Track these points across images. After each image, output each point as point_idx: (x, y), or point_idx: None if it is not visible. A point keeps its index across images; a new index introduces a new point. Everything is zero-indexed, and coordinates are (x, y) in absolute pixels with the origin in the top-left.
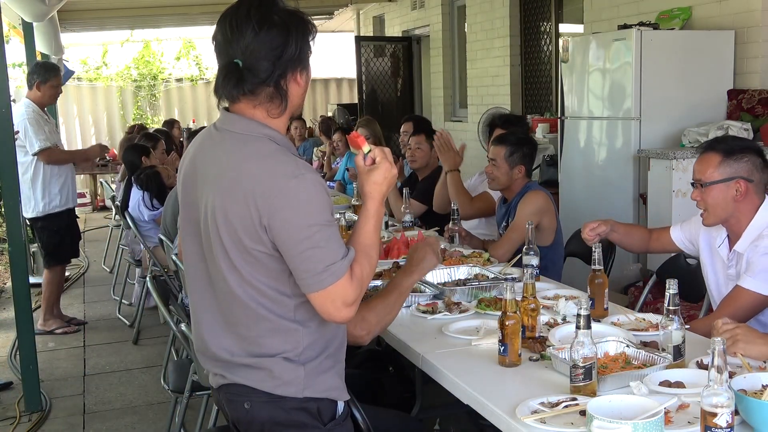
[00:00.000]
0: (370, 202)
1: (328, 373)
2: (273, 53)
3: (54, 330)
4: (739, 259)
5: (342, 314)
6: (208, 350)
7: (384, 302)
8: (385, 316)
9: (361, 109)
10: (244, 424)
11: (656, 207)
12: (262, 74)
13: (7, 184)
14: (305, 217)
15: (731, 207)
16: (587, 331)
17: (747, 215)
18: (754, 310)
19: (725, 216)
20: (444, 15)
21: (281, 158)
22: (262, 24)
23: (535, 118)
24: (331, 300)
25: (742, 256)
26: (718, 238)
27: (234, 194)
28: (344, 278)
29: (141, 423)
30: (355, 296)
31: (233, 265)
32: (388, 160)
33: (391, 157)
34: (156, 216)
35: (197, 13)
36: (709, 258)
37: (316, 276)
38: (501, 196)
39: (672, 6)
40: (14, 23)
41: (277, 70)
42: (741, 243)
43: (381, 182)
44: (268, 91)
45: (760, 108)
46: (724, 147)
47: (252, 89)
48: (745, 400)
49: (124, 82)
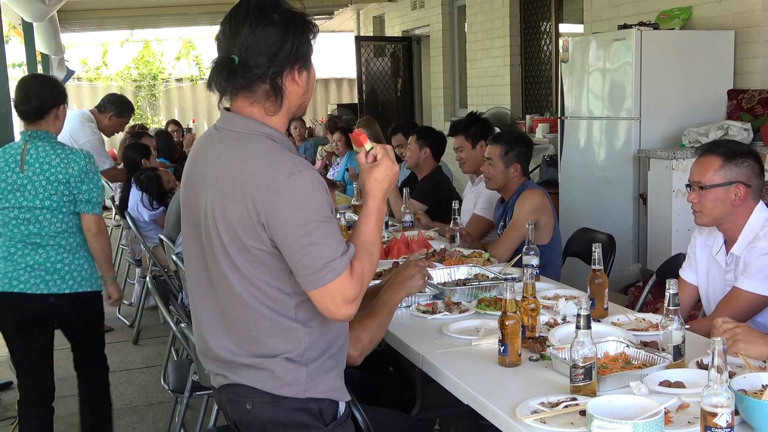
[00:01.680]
0: (371, 199)
1: (330, 373)
2: (269, 50)
3: None
4: (736, 263)
5: (343, 311)
6: (210, 351)
7: (375, 322)
8: (377, 335)
9: (361, 109)
10: (246, 424)
11: (656, 207)
12: (257, 70)
13: None
14: (303, 214)
15: (728, 210)
16: (587, 331)
17: (743, 218)
18: (752, 311)
19: (719, 217)
20: (444, 15)
21: (279, 155)
22: (259, 21)
23: (535, 118)
24: (331, 297)
25: (739, 259)
26: (714, 245)
27: (232, 193)
28: (344, 275)
29: (141, 423)
30: (356, 293)
31: (233, 264)
32: (390, 157)
33: (393, 154)
34: (155, 216)
35: (197, 13)
36: (705, 265)
37: (315, 273)
38: (499, 196)
39: (672, 6)
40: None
41: (273, 67)
42: (737, 246)
43: (382, 179)
44: (265, 88)
45: (760, 108)
46: (724, 150)
47: (246, 85)
48: (745, 400)
49: (124, 82)
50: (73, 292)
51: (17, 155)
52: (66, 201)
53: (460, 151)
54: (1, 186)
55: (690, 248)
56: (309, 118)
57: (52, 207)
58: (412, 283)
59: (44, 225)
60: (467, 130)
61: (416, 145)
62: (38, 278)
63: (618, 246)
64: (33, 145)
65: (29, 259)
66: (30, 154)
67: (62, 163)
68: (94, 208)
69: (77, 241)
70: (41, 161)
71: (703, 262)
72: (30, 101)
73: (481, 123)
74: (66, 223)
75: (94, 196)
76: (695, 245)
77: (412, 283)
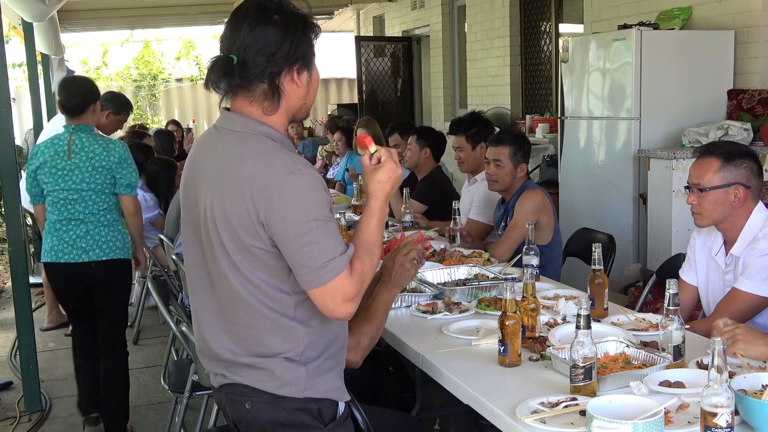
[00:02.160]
0: (373, 200)
1: (330, 373)
2: (267, 49)
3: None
4: (736, 263)
5: (342, 310)
6: (210, 350)
7: (373, 324)
8: (376, 337)
9: (361, 109)
10: (245, 424)
11: (656, 207)
12: (255, 69)
13: (7, 184)
14: (302, 213)
15: (728, 212)
16: (587, 331)
17: (742, 219)
18: (751, 312)
19: (719, 219)
20: (444, 15)
21: (278, 155)
22: (258, 21)
23: (535, 118)
24: (331, 296)
25: (738, 260)
26: (714, 246)
27: (231, 192)
28: (344, 274)
29: (141, 423)
30: (356, 292)
31: (233, 263)
32: (394, 159)
33: (397, 157)
34: (152, 218)
35: (197, 13)
36: (704, 266)
37: (315, 272)
38: (494, 197)
39: (672, 6)
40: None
41: (271, 66)
42: (737, 246)
43: (385, 181)
44: (263, 87)
45: (760, 108)
46: (723, 152)
47: (244, 84)
48: (745, 400)
49: (124, 82)
50: (108, 259)
51: (65, 145)
52: (108, 183)
53: (459, 150)
54: (53, 171)
55: (689, 249)
56: (309, 118)
57: (96, 189)
58: (405, 275)
59: (88, 204)
60: (468, 130)
61: (416, 145)
62: (80, 249)
63: (618, 246)
64: (77, 137)
65: (72, 234)
66: (75, 143)
67: (104, 152)
68: (132, 191)
69: (114, 217)
70: (86, 150)
71: (702, 263)
72: (72, 99)
73: (482, 124)
74: (106, 202)
75: (132, 181)
76: (694, 246)
77: (405, 277)
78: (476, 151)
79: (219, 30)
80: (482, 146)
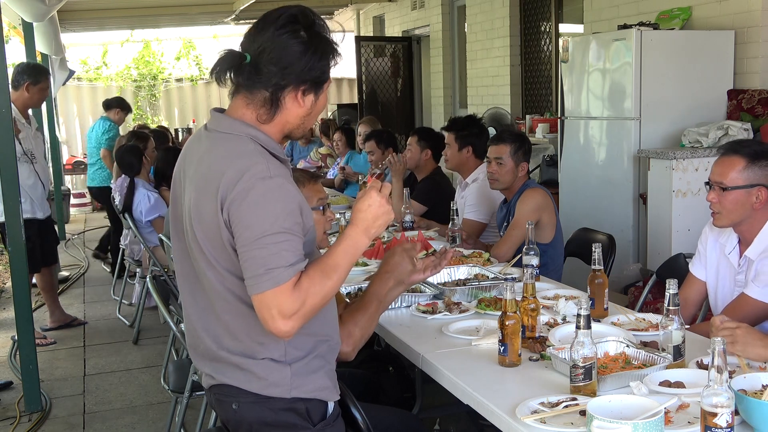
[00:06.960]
0: (350, 226)
1: (317, 373)
2: (282, 61)
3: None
4: (749, 265)
5: (277, 325)
6: (198, 347)
7: (366, 315)
8: (369, 328)
9: (361, 109)
10: (233, 424)
11: (656, 207)
12: (262, 75)
13: (7, 184)
14: (260, 219)
15: (747, 213)
16: (587, 331)
17: (761, 221)
18: (758, 319)
19: (738, 220)
20: (444, 15)
21: (254, 158)
22: (284, 31)
23: (535, 118)
24: (266, 307)
25: (752, 263)
26: (728, 244)
27: (206, 190)
28: (284, 286)
29: (141, 423)
30: (294, 309)
31: (209, 261)
32: (376, 189)
33: (386, 192)
34: (152, 219)
35: (197, 13)
36: (715, 262)
37: (255, 278)
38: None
39: (672, 6)
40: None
41: (279, 78)
42: (752, 249)
43: (364, 210)
44: (264, 95)
45: (760, 108)
46: (749, 151)
47: (248, 85)
48: (745, 400)
49: (124, 82)
50: None
51: None
52: None
53: (447, 147)
54: None
55: (700, 243)
56: None
57: None
58: (401, 269)
59: None
60: (459, 130)
61: (417, 146)
62: None
63: (618, 246)
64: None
65: None
66: None
67: None
68: None
69: None
70: None
71: (713, 259)
72: None
73: (476, 128)
74: None
75: None
76: (706, 241)
77: (401, 269)
78: (462, 153)
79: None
80: (468, 150)
